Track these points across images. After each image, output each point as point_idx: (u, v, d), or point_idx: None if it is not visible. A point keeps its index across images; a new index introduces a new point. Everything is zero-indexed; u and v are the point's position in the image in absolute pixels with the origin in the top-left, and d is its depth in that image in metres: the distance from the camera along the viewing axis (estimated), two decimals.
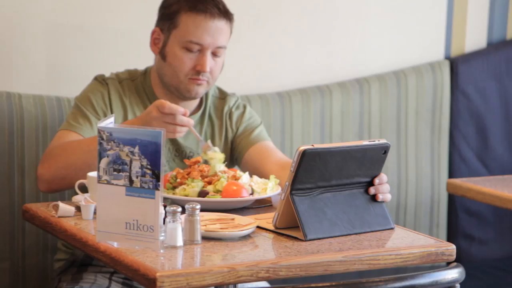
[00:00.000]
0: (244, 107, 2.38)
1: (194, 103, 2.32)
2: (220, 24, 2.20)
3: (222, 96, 2.38)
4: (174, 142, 2.28)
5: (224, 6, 2.23)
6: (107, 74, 2.33)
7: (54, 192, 2.19)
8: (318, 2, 2.96)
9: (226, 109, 2.35)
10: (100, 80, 2.29)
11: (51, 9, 2.62)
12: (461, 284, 1.70)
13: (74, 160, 2.09)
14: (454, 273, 1.62)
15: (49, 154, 2.15)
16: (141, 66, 2.36)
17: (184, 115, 2.04)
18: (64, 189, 2.21)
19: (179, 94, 2.25)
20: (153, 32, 2.27)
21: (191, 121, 2.06)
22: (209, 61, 2.20)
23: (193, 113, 2.31)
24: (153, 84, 2.30)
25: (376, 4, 3.04)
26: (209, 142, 2.17)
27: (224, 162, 2.11)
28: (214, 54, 2.22)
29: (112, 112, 2.24)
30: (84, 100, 2.25)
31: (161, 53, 2.25)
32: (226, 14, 2.22)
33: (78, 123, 2.21)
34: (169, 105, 2.02)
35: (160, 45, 2.25)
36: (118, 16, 2.70)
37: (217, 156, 2.11)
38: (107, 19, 2.69)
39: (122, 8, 2.71)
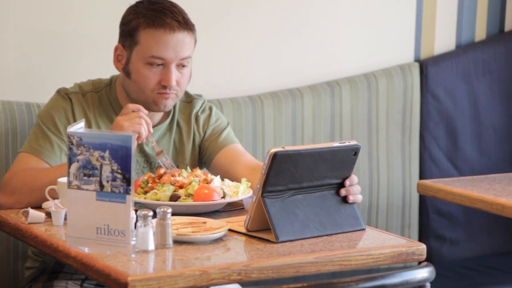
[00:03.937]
0: (210, 109, 2.36)
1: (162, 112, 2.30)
2: (181, 36, 2.16)
3: (188, 99, 2.35)
4: (143, 153, 2.26)
5: (184, 17, 2.17)
6: (78, 81, 2.31)
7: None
8: (289, 6, 2.97)
9: (193, 113, 2.33)
10: (63, 94, 2.24)
11: (22, 15, 2.60)
12: (432, 283, 1.71)
13: (39, 186, 2.03)
14: (424, 273, 1.64)
15: (10, 181, 2.11)
16: (112, 73, 2.34)
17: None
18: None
19: (148, 108, 2.22)
20: (116, 49, 2.23)
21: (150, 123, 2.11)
22: (174, 75, 2.16)
23: (161, 121, 2.29)
24: (119, 95, 2.26)
25: (346, 8, 3.05)
26: (164, 153, 2.23)
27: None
28: (180, 66, 2.18)
29: None
30: (46, 118, 2.21)
31: (125, 70, 2.21)
32: (186, 26, 2.17)
33: (39, 145, 2.17)
34: (131, 104, 2.11)
35: (123, 61, 2.21)
36: (89, 22, 2.69)
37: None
38: (78, 25, 2.68)
39: (94, 14, 2.69)
